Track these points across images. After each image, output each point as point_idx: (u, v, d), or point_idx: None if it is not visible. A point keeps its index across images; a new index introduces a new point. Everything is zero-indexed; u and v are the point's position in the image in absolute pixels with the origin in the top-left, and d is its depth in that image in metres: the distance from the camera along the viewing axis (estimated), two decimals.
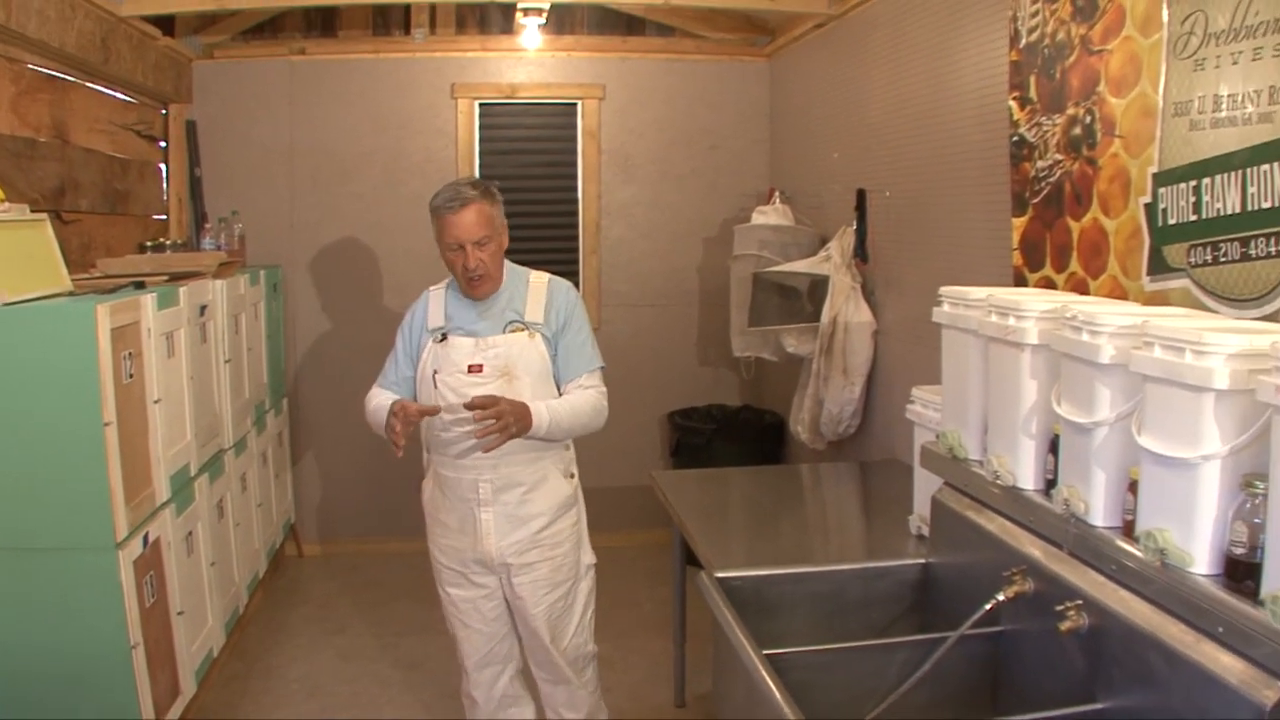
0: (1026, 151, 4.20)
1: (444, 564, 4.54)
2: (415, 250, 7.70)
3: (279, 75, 7.80)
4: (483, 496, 4.38)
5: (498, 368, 4.33)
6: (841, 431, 6.24)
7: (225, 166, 7.74)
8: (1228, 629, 2.27)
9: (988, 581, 3.18)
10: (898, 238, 5.76)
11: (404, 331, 4.52)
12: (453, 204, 4.28)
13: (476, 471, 4.36)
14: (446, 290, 4.51)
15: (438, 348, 4.39)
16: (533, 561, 4.46)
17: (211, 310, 5.77)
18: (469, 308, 4.42)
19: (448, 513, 4.47)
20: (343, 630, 6.78)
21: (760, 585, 3.72)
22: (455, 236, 4.26)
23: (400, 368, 4.51)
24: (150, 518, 4.63)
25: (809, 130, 7.37)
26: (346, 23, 7.88)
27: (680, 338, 8.41)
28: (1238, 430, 2.32)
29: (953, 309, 3.44)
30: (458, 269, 4.32)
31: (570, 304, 4.53)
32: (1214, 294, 3.15)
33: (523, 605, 4.49)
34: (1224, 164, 3.07)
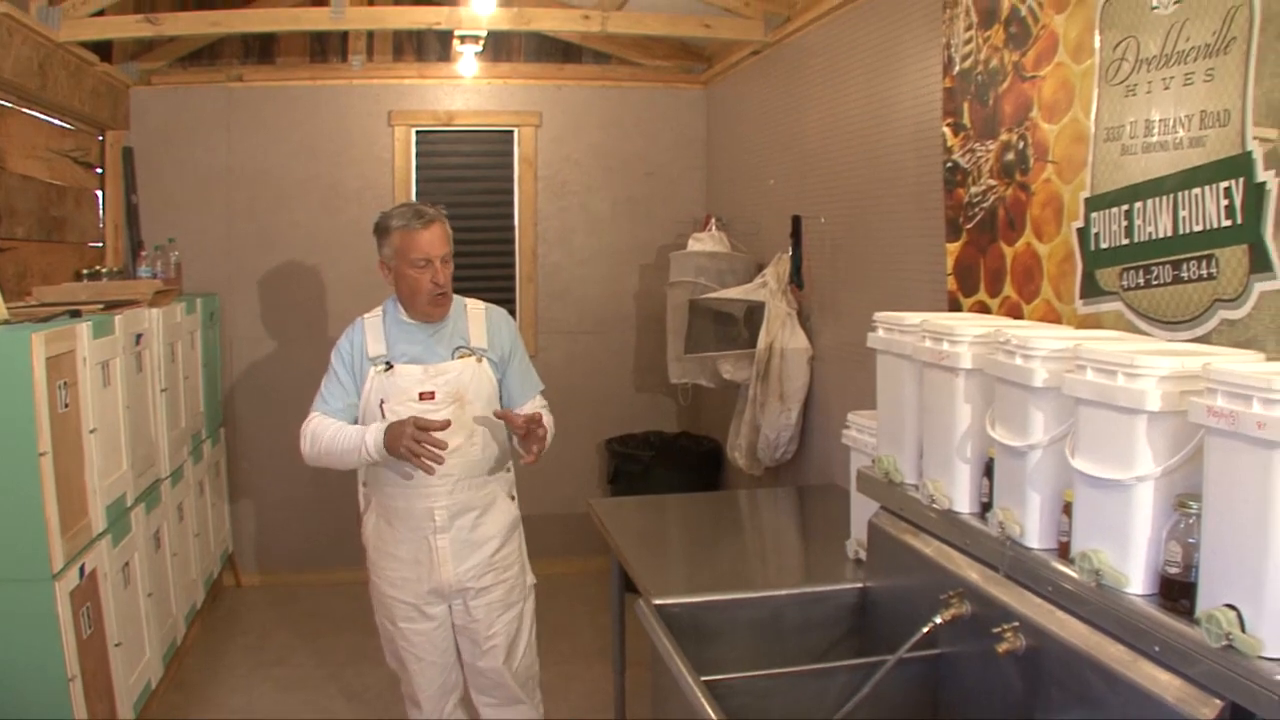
0: (960, 177, 4.23)
1: (396, 598, 4.47)
2: (353, 278, 7.68)
3: (216, 102, 7.76)
4: (438, 523, 4.36)
5: (450, 394, 4.33)
6: (779, 457, 6.25)
7: (162, 193, 7.69)
8: (1164, 648, 2.29)
9: (925, 605, 3.19)
10: (833, 264, 5.78)
11: (343, 358, 4.41)
12: (419, 220, 4.30)
13: (430, 499, 4.34)
14: (383, 318, 4.44)
15: (382, 377, 4.32)
16: (488, 585, 4.48)
17: (147, 339, 5.73)
18: (412, 335, 4.39)
19: (398, 544, 4.43)
20: (282, 661, 6.71)
21: (698, 612, 3.72)
22: (424, 252, 4.26)
23: (347, 394, 4.39)
24: (87, 549, 4.59)
25: (745, 157, 7.40)
26: (284, 50, 7.87)
27: (617, 364, 8.42)
28: (1170, 451, 2.34)
29: (887, 334, 3.47)
30: (424, 285, 4.28)
31: (512, 330, 4.60)
32: (1146, 316, 3.18)
33: (477, 629, 4.49)
34: (1155, 188, 3.10)
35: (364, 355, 4.37)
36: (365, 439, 4.16)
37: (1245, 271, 2.79)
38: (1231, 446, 2.12)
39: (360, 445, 4.17)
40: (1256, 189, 2.74)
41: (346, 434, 4.24)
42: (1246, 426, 2.05)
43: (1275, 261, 2.69)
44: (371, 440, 4.14)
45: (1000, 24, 3.94)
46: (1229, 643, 2.11)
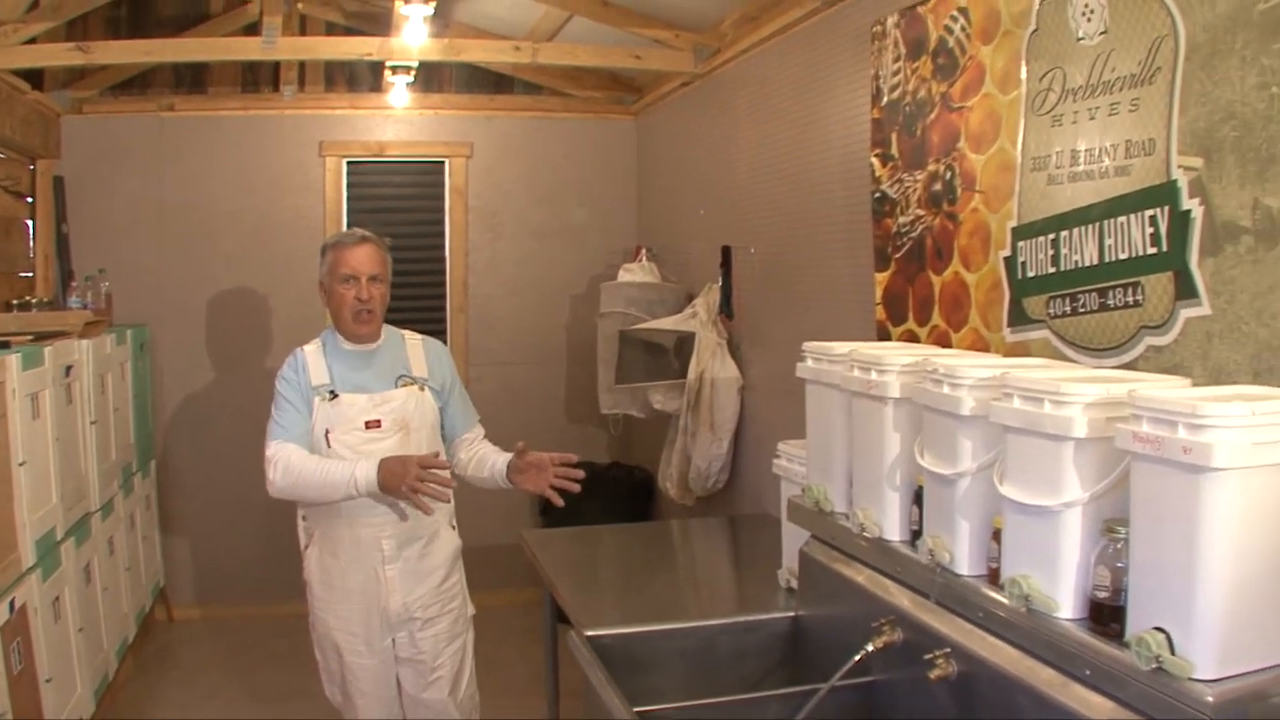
0: (888, 207, 4.26)
1: (344, 632, 4.40)
2: (285, 309, 7.66)
3: (148, 131, 7.71)
4: (387, 554, 4.33)
5: (396, 422, 4.32)
6: (710, 487, 6.26)
7: (93, 223, 7.62)
8: (1095, 671, 2.30)
9: (857, 632, 3.19)
10: (763, 293, 5.80)
11: (291, 385, 4.33)
12: (350, 238, 4.34)
13: (377, 529, 4.31)
14: (322, 348, 4.41)
15: (328, 406, 4.28)
16: (435, 615, 4.46)
17: (77, 370, 5.68)
18: (351, 364, 4.37)
19: (345, 576, 4.37)
20: (215, 696, 6.64)
21: (631, 642, 3.71)
22: (352, 267, 4.26)
23: (303, 419, 4.29)
24: (16, 583, 4.53)
25: (675, 188, 7.42)
26: (216, 79, 7.83)
27: (548, 395, 8.40)
28: (1097, 477, 2.36)
29: (816, 364, 3.48)
30: (348, 301, 4.27)
31: (450, 362, 4.63)
32: (1073, 344, 3.21)
33: (424, 661, 4.46)
34: (1081, 217, 3.13)
35: (308, 385, 4.31)
36: (355, 476, 4.05)
37: (1171, 298, 2.82)
38: (1158, 471, 2.14)
39: (349, 481, 4.06)
40: (1181, 217, 2.77)
41: (331, 469, 4.12)
42: (1172, 452, 2.07)
43: (1200, 288, 2.72)
44: (363, 478, 4.04)
45: (928, 55, 3.97)
46: (1159, 665, 2.12)
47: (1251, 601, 2.10)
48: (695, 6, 6.13)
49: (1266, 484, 2.07)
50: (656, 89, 7.64)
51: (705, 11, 6.17)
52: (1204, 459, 2.01)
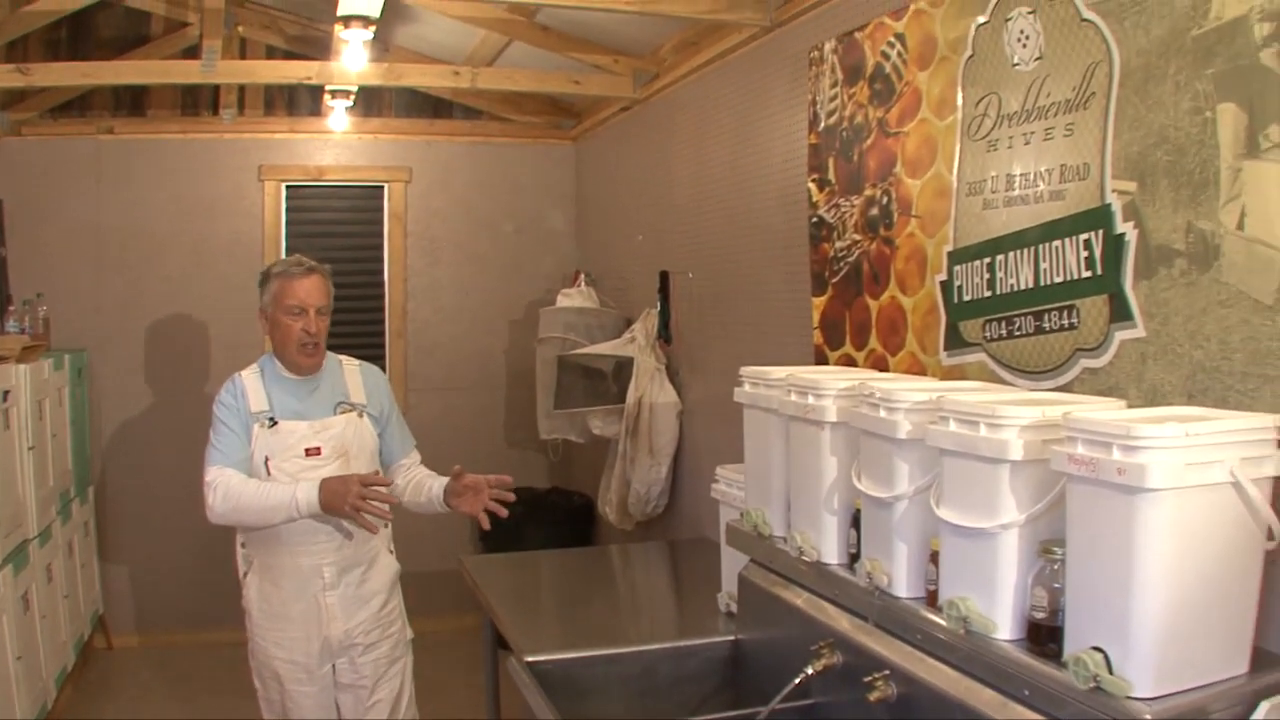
0: (825, 232, 4.27)
1: (285, 659, 4.36)
2: (223, 334, 7.62)
3: (87, 154, 7.66)
4: (328, 580, 4.31)
5: (336, 449, 4.30)
6: (650, 511, 6.26)
7: (31, 246, 7.55)
8: (1034, 691, 2.31)
9: (797, 656, 3.20)
10: (701, 318, 5.82)
11: (230, 410, 4.28)
12: (297, 268, 4.30)
13: (318, 556, 4.29)
14: (261, 375, 4.37)
15: (267, 433, 4.25)
16: (375, 640, 4.44)
17: (14, 396, 5.63)
18: (291, 391, 4.34)
19: (286, 604, 4.33)
20: None
21: (571, 668, 3.70)
22: (300, 299, 4.24)
23: (242, 445, 4.25)
24: None
25: (614, 212, 7.44)
26: (156, 102, 7.78)
27: (487, 420, 8.39)
28: (1034, 499, 2.38)
29: (753, 388, 3.48)
30: (294, 333, 4.25)
31: (388, 388, 4.63)
32: (1010, 367, 3.23)
33: (364, 686, 4.44)
34: (1017, 241, 3.15)
35: (247, 412, 4.27)
36: (296, 497, 4.04)
37: (1106, 321, 2.85)
38: (1093, 493, 2.16)
39: (290, 503, 4.04)
40: (1116, 240, 2.79)
41: (271, 492, 4.10)
42: (1107, 473, 2.09)
43: (1135, 311, 2.75)
44: (304, 499, 4.03)
45: (865, 81, 3.99)
46: (1097, 684, 2.13)
47: (1187, 620, 2.12)
48: (634, 32, 6.14)
49: (1200, 504, 2.09)
50: (596, 114, 7.66)
51: (644, 37, 6.19)
52: (1138, 480, 2.03)
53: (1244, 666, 2.25)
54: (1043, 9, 3.06)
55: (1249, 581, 2.23)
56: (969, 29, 3.39)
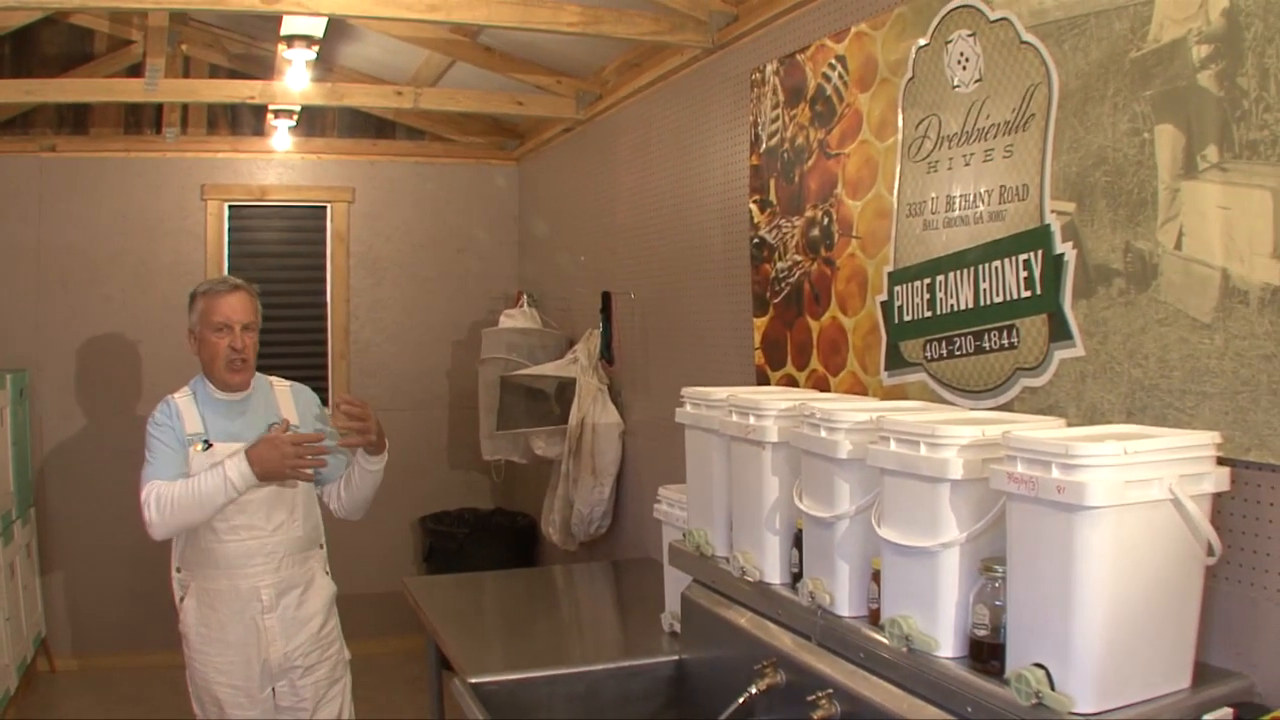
0: (767, 253, 4.29)
1: (225, 684, 4.31)
2: (166, 354, 7.52)
3: (28, 172, 7.58)
4: (265, 603, 4.28)
5: None
6: (593, 532, 6.26)
7: None
8: (976, 708, 2.32)
9: (741, 675, 3.20)
10: (643, 339, 5.82)
11: (165, 429, 4.24)
12: (222, 286, 4.30)
13: (255, 578, 4.26)
14: (193, 397, 4.33)
15: (202, 456, 4.20)
16: (315, 663, 4.42)
17: None
18: (224, 413, 4.31)
19: (224, 628, 4.29)
20: None
21: (515, 689, 3.69)
22: (225, 316, 4.22)
23: (179, 462, 4.19)
24: None
25: (557, 233, 7.44)
26: (98, 120, 7.71)
27: (430, 441, 8.36)
28: (974, 517, 2.39)
29: (695, 409, 3.49)
30: (221, 350, 4.23)
31: (320, 408, 4.60)
32: (950, 386, 3.24)
33: (305, 709, 4.40)
34: (957, 261, 3.17)
35: (182, 431, 4.24)
36: (227, 475, 4.03)
37: (1045, 340, 2.87)
38: (1033, 511, 2.17)
39: (224, 484, 4.03)
40: (1055, 260, 2.82)
41: (202, 481, 4.07)
42: (1046, 491, 2.10)
43: (1074, 330, 2.77)
44: (235, 473, 4.03)
45: (806, 102, 4.01)
46: (1039, 701, 2.14)
47: (1129, 636, 2.13)
48: (577, 53, 6.15)
49: (1140, 521, 2.11)
50: (538, 135, 7.66)
51: (587, 58, 6.20)
52: (1078, 498, 2.05)
53: (1186, 681, 2.26)
54: (983, 31, 3.08)
55: (1189, 597, 2.25)
56: (909, 51, 3.41)
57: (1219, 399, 2.39)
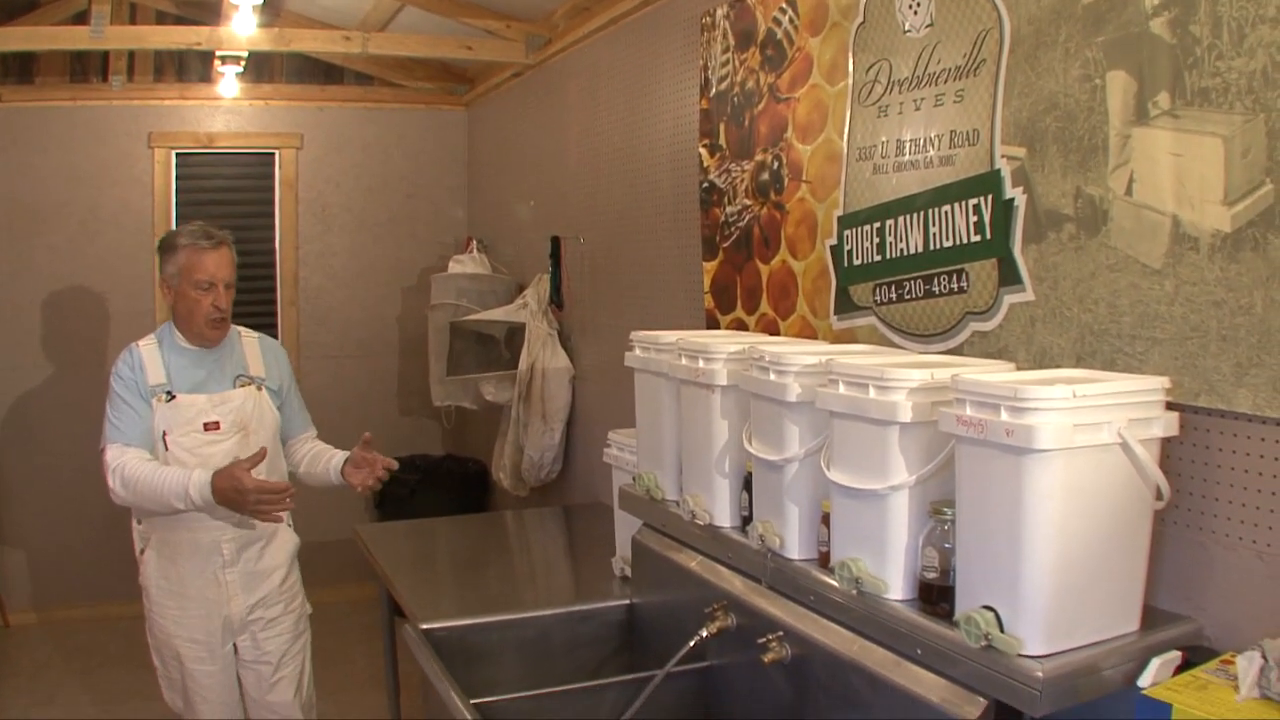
0: (716, 197, 4.28)
1: (185, 638, 4.24)
2: (113, 304, 7.50)
3: None
4: (226, 557, 4.21)
5: (235, 423, 4.20)
6: (544, 477, 6.26)
7: None
8: (926, 650, 2.35)
9: (691, 618, 3.22)
10: (593, 284, 5.82)
11: (128, 384, 4.11)
12: (208, 241, 4.18)
13: (217, 532, 4.18)
14: (159, 345, 4.23)
15: (165, 407, 4.12)
16: (277, 616, 4.37)
17: None
18: (190, 362, 4.22)
19: (184, 582, 4.22)
20: (54, 700, 6.47)
21: (466, 634, 3.69)
22: (210, 273, 4.13)
23: (141, 419, 4.09)
24: None
25: (506, 178, 7.41)
26: (44, 69, 7.59)
27: (381, 388, 8.33)
28: (923, 460, 2.40)
29: (644, 353, 3.49)
30: (203, 308, 4.13)
31: (287, 361, 4.54)
32: (900, 330, 3.25)
33: (269, 662, 4.36)
34: (906, 205, 3.18)
35: (145, 383, 4.13)
36: (189, 492, 3.90)
37: (995, 285, 2.87)
38: (982, 454, 2.18)
39: (184, 495, 3.91)
40: (1005, 205, 2.82)
41: (165, 485, 3.94)
42: (995, 434, 2.11)
43: (1024, 275, 2.78)
44: (197, 494, 3.89)
45: (756, 46, 4.00)
46: (988, 643, 2.16)
47: (1077, 579, 2.15)
48: None
49: (1089, 465, 2.12)
50: (488, 79, 7.61)
51: (537, 2, 6.15)
52: (1026, 441, 2.06)
53: (1134, 624, 2.29)
54: None
55: (1138, 541, 2.27)
56: None
57: (1169, 344, 2.40)
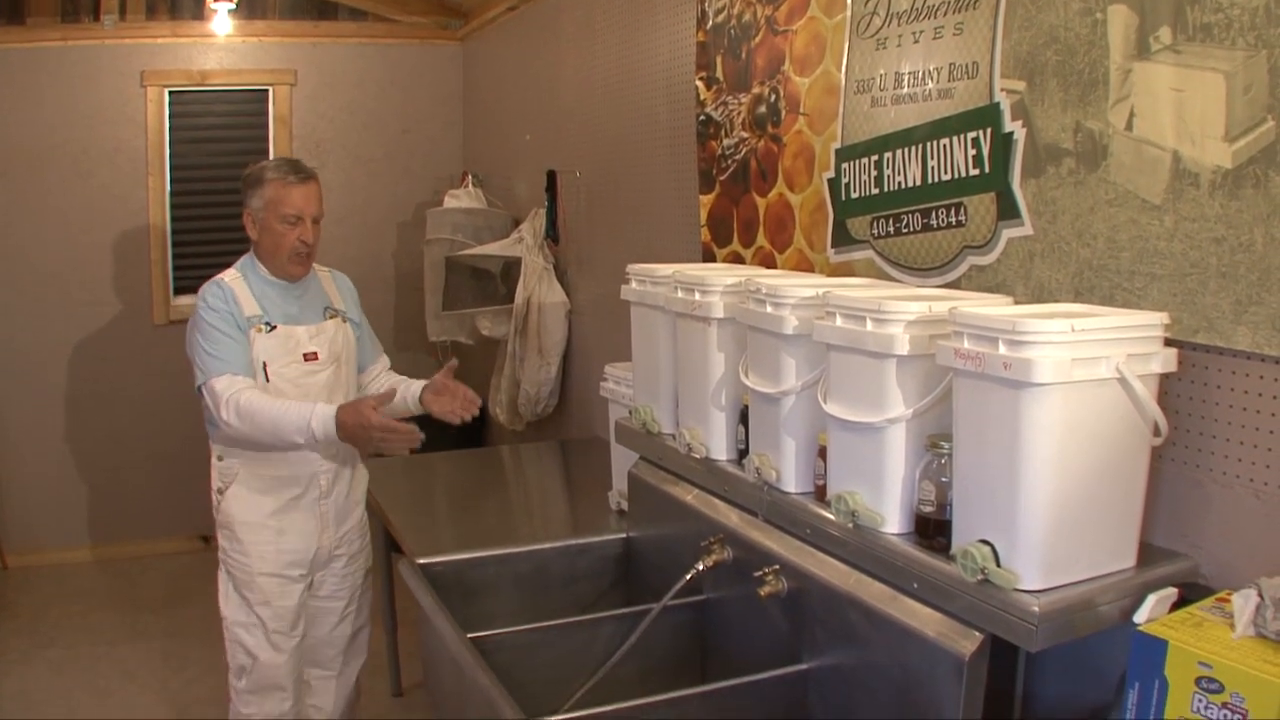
0: (713, 130, 4.26)
1: (271, 573, 4.16)
2: (106, 243, 7.46)
3: None
4: (324, 488, 4.20)
5: (330, 354, 4.18)
6: (540, 411, 6.27)
7: None
8: (922, 584, 2.35)
9: (688, 552, 3.23)
10: (589, 218, 5.81)
11: (223, 316, 3.99)
12: (297, 175, 4.12)
13: (315, 464, 4.15)
14: (245, 280, 4.14)
15: (265, 338, 4.06)
16: (357, 550, 4.40)
17: None
18: (281, 296, 4.15)
19: (283, 515, 4.16)
20: (54, 643, 6.45)
21: (463, 569, 3.70)
22: (298, 207, 4.07)
23: (242, 350, 3.99)
24: None
25: (502, 113, 7.37)
26: (35, 9, 7.49)
27: (376, 324, 8.13)
28: (921, 393, 2.40)
29: (640, 286, 3.48)
30: (289, 242, 4.08)
31: (355, 293, 4.50)
32: (897, 264, 3.24)
33: (343, 597, 4.37)
34: (905, 139, 3.16)
35: (241, 315, 4.04)
36: (311, 427, 3.81)
37: (993, 219, 2.86)
38: (979, 387, 2.18)
39: (305, 431, 3.80)
40: (1004, 139, 2.81)
41: (285, 419, 3.84)
42: (993, 368, 2.10)
43: (1023, 209, 2.77)
44: (320, 428, 3.80)
45: None
46: (985, 577, 2.17)
47: (1074, 514, 2.15)
48: None
49: (1087, 400, 2.12)
50: (483, 14, 7.56)
51: None
52: (1024, 375, 2.05)
53: (1131, 561, 2.29)
54: None
55: (1135, 477, 2.27)
56: None
57: (1168, 281, 2.39)
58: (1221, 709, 1.83)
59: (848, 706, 2.65)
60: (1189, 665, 1.88)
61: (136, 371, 7.45)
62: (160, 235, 7.59)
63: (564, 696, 3.14)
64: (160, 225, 7.59)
